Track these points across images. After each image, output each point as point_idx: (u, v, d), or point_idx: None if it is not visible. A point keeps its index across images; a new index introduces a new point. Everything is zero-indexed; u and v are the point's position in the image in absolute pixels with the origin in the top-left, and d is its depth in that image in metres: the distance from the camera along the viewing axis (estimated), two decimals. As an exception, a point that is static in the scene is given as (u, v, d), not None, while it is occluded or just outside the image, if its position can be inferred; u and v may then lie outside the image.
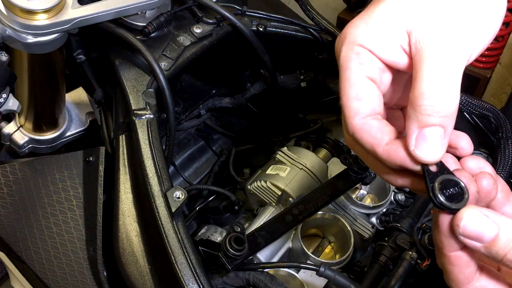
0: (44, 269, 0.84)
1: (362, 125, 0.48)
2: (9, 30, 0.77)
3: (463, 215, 0.44)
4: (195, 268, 0.74)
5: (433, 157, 0.45)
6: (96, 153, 0.87)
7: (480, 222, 0.43)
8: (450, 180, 0.46)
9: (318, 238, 1.02)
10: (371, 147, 0.48)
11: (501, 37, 2.12)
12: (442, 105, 0.44)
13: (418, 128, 0.45)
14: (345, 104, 0.48)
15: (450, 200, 0.45)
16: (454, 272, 0.47)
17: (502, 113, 0.95)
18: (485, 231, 0.43)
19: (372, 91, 0.48)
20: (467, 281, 0.47)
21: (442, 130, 0.45)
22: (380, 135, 0.47)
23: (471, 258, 0.46)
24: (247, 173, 1.11)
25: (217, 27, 0.99)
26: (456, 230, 0.44)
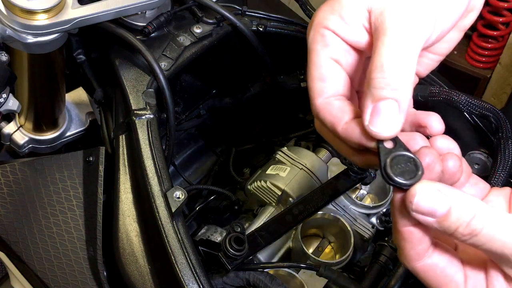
0: (44, 269, 0.83)
1: (324, 105, 0.48)
2: (9, 30, 0.77)
3: (416, 191, 0.43)
4: (195, 268, 0.74)
5: (387, 132, 0.45)
6: (96, 153, 0.87)
7: (432, 198, 0.43)
8: (403, 155, 0.45)
9: (318, 238, 1.02)
10: (332, 126, 0.48)
11: (501, 37, 2.12)
12: (395, 78, 0.44)
13: (372, 102, 0.45)
14: (309, 85, 0.49)
15: (402, 176, 0.44)
16: (406, 248, 0.46)
17: (502, 113, 0.95)
18: (437, 206, 0.43)
19: (336, 72, 0.49)
20: (418, 258, 0.46)
21: (396, 104, 0.44)
22: (341, 114, 0.48)
23: (424, 234, 0.46)
24: (247, 173, 1.11)
25: (217, 27, 0.99)
26: (409, 207, 0.43)
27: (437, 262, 0.47)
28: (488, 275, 0.46)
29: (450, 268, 0.47)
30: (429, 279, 0.47)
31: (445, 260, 0.47)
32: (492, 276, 0.46)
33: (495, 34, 2.12)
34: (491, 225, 0.42)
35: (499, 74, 2.15)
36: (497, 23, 2.10)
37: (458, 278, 0.47)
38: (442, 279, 0.47)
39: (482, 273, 0.47)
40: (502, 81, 2.15)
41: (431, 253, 0.47)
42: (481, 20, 2.14)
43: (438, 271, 0.47)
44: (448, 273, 0.47)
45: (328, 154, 1.07)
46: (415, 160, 0.45)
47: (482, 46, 2.14)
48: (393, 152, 0.45)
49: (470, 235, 0.43)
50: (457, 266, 0.47)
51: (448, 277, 0.47)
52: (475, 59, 2.17)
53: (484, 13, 2.10)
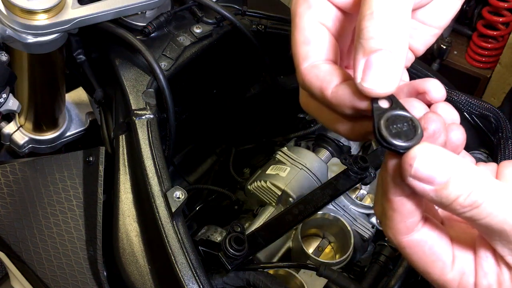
0: (44, 269, 0.83)
1: (310, 69, 0.43)
2: (9, 30, 0.77)
3: (416, 154, 0.38)
4: (195, 268, 0.74)
5: (383, 87, 0.39)
6: (96, 153, 0.86)
7: (434, 162, 0.38)
8: (400, 115, 0.39)
9: (318, 238, 1.02)
10: (319, 91, 0.42)
11: (501, 37, 2.12)
12: (388, 26, 0.39)
13: (363, 56, 0.39)
14: (294, 51, 0.44)
15: (398, 137, 0.38)
16: (395, 220, 0.41)
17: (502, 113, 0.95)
18: (438, 172, 0.38)
19: (322, 35, 0.44)
20: (406, 231, 0.42)
21: (391, 55, 0.39)
22: (329, 77, 0.42)
23: (417, 207, 0.41)
24: (247, 173, 1.11)
25: (217, 27, 0.99)
26: (407, 171, 0.38)
27: (426, 239, 0.42)
28: (477, 256, 0.42)
29: (439, 246, 0.42)
30: (414, 256, 0.42)
31: (435, 236, 0.42)
32: (481, 256, 0.42)
33: (495, 34, 2.12)
34: (494, 197, 0.38)
35: (499, 74, 2.15)
36: (497, 23, 2.10)
37: (446, 258, 0.42)
38: (429, 257, 0.42)
39: (470, 253, 0.43)
40: (502, 81, 2.15)
41: (420, 227, 0.42)
42: (481, 20, 2.14)
43: (426, 248, 0.42)
44: (436, 251, 0.42)
45: (328, 154, 1.07)
46: (413, 120, 0.39)
47: (482, 46, 2.14)
48: (389, 112, 0.39)
49: (471, 207, 0.38)
50: (446, 244, 0.43)
51: (435, 255, 0.42)
52: (475, 59, 2.17)
53: (484, 13, 2.10)
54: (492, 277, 0.41)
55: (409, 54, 0.51)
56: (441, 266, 0.42)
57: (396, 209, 0.41)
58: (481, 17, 2.14)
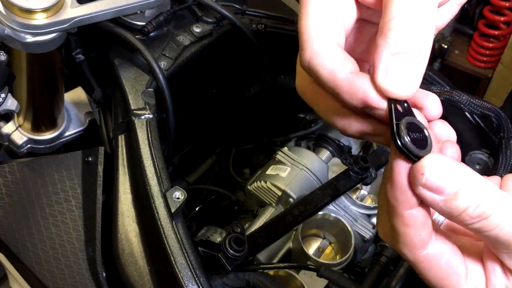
0: (43, 270, 0.83)
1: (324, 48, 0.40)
2: (7, 30, 0.77)
3: (427, 163, 0.37)
4: (194, 269, 0.73)
5: (407, 89, 0.38)
6: (95, 153, 0.86)
7: (445, 172, 0.37)
8: (415, 124, 0.39)
9: (319, 239, 1.01)
10: (330, 74, 0.39)
11: (503, 37, 2.12)
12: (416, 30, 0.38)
13: (389, 55, 0.38)
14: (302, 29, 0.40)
15: (415, 144, 0.38)
16: (410, 235, 0.40)
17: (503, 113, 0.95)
18: (448, 183, 0.37)
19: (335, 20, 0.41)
20: (422, 245, 0.41)
21: (416, 59, 0.38)
22: (344, 61, 0.39)
23: (427, 218, 0.40)
24: (247, 173, 1.10)
25: (217, 26, 0.99)
26: (419, 179, 0.37)
27: (442, 252, 0.41)
28: (486, 269, 0.42)
29: (455, 259, 0.42)
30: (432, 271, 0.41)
31: (449, 249, 0.42)
32: (489, 269, 0.42)
33: (497, 34, 2.12)
34: (503, 209, 0.38)
35: (501, 74, 2.14)
36: (499, 22, 2.09)
37: (461, 271, 0.42)
38: (445, 271, 0.41)
39: (480, 265, 0.42)
40: (504, 81, 2.14)
41: (434, 240, 0.41)
42: (482, 19, 2.14)
43: (443, 261, 0.41)
44: (452, 264, 0.41)
45: (329, 154, 1.07)
46: (423, 130, 0.39)
47: (484, 45, 2.13)
48: (407, 117, 0.38)
49: (479, 218, 0.38)
50: (459, 257, 0.42)
51: (452, 268, 0.41)
52: (477, 59, 2.17)
53: (485, 12, 2.10)
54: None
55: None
56: (456, 280, 0.42)
57: (408, 224, 0.40)
58: (482, 16, 2.14)
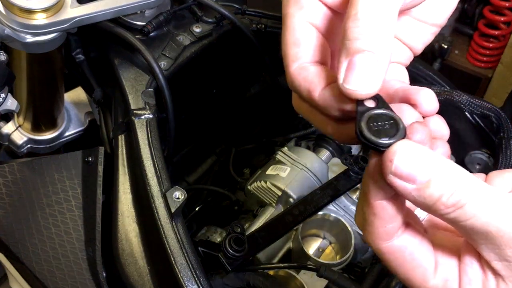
0: (43, 270, 0.83)
1: (299, 71, 0.43)
2: (7, 30, 0.77)
3: (396, 150, 0.37)
4: (194, 269, 0.73)
5: (364, 89, 0.39)
6: (95, 153, 0.86)
7: (416, 159, 0.36)
8: (383, 114, 0.39)
9: (319, 239, 1.01)
10: (308, 93, 0.42)
11: (503, 37, 2.12)
12: (372, 27, 0.39)
13: (346, 57, 0.39)
14: (284, 52, 0.45)
15: (380, 134, 0.38)
16: (375, 225, 0.40)
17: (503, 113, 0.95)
18: (420, 170, 0.36)
19: (311, 36, 0.44)
20: (386, 237, 0.40)
21: (374, 57, 0.38)
22: (317, 79, 0.42)
23: (398, 212, 0.40)
24: (247, 173, 1.10)
25: (217, 26, 0.99)
26: (388, 167, 0.37)
27: (406, 244, 0.41)
28: (461, 262, 0.41)
29: (420, 252, 0.41)
30: (395, 263, 0.41)
31: (416, 242, 0.41)
32: (466, 263, 0.40)
33: (497, 34, 2.11)
34: (479, 198, 0.37)
35: (501, 74, 2.14)
36: (499, 22, 2.09)
37: (427, 264, 0.41)
38: (409, 263, 0.41)
39: (454, 260, 0.41)
40: (504, 81, 2.14)
41: (400, 233, 0.41)
42: (482, 19, 2.14)
43: (407, 254, 0.41)
44: (417, 257, 0.41)
45: (329, 154, 1.07)
46: (395, 119, 0.39)
47: (484, 45, 2.13)
48: (372, 110, 0.39)
49: (454, 207, 0.37)
50: (427, 250, 0.41)
51: (416, 261, 0.41)
52: (477, 59, 2.17)
53: (485, 12, 2.10)
54: (477, 283, 0.40)
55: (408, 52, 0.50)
56: (422, 273, 0.41)
57: (376, 214, 0.40)
58: (482, 16, 2.14)
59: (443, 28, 2.09)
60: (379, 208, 0.40)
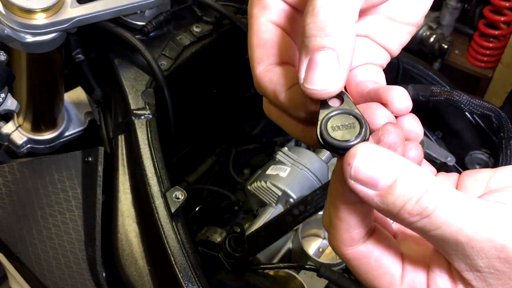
0: (43, 270, 0.83)
1: (264, 73, 0.42)
2: (7, 30, 0.77)
3: (356, 153, 0.34)
4: (194, 269, 0.73)
5: (325, 87, 0.36)
6: (95, 153, 0.86)
7: (376, 163, 0.34)
8: (346, 113, 0.36)
9: (319, 239, 1.01)
10: (274, 95, 0.41)
11: (503, 36, 2.12)
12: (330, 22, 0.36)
13: (306, 56, 0.37)
14: (250, 54, 0.43)
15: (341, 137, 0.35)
16: (341, 230, 0.38)
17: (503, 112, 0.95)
18: (381, 174, 0.34)
19: (277, 37, 0.42)
20: (351, 243, 0.38)
21: (334, 54, 0.36)
22: (283, 80, 0.40)
23: (364, 218, 0.38)
24: (247, 174, 1.10)
25: (217, 26, 0.99)
26: (347, 171, 0.35)
27: (371, 250, 0.39)
28: (430, 270, 0.38)
29: (386, 259, 0.39)
30: (360, 269, 0.39)
31: (381, 248, 0.39)
32: (436, 271, 0.38)
33: (497, 34, 2.11)
34: (447, 205, 0.34)
35: (501, 74, 2.14)
36: (499, 22, 2.09)
37: (394, 271, 0.39)
38: (375, 270, 0.39)
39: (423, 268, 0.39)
40: (504, 81, 2.14)
41: (366, 239, 0.39)
42: (482, 19, 2.14)
43: (372, 260, 0.39)
44: (383, 264, 0.39)
45: (329, 154, 1.07)
46: (359, 119, 0.36)
47: (484, 45, 2.13)
48: (335, 110, 0.36)
49: (420, 215, 0.34)
50: (394, 256, 0.39)
51: (382, 268, 0.39)
52: (477, 59, 2.17)
53: (485, 12, 2.10)
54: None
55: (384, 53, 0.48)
56: (388, 280, 0.39)
57: (342, 218, 0.38)
58: (482, 16, 2.14)
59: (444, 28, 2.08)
60: (345, 213, 0.38)
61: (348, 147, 0.35)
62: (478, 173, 0.42)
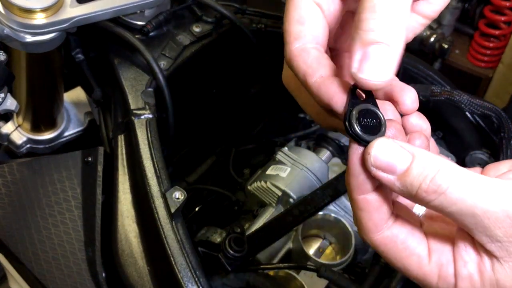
0: (43, 270, 0.83)
1: (300, 51, 0.44)
2: (7, 29, 0.77)
3: (374, 144, 0.40)
4: (194, 269, 0.73)
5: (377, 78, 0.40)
6: (94, 153, 0.86)
7: (393, 151, 0.40)
8: (370, 110, 0.41)
9: (319, 239, 1.01)
10: (304, 77, 0.44)
11: (503, 36, 2.12)
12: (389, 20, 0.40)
13: (361, 47, 0.40)
14: (286, 28, 0.45)
15: (364, 129, 0.41)
16: (364, 219, 0.42)
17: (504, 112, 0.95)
18: (398, 160, 0.39)
19: (317, 16, 0.45)
20: (376, 229, 0.42)
21: (388, 49, 0.40)
22: (316, 65, 0.43)
23: (382, 203, 0.42)
24: (247, 174, 1.10)
25: (217, 26, 0.99)
26: (368, 160, 0.40)
27: (396, 234, 0.43)
28: (456, 246, 0.42)
29: (412, 240, 0.43)
30: (389, 253, 0.43)
31: (406, 231, 0.43)
32: (460, 246, 0.42)
33: (497, 33, 2.11)
34: (459, 182, 0.38)
35: (501, 74, 2.14)
36: (499, 22, 2.09)
37: (420, 251, 0.43)
38: (403, 251, 0.43)
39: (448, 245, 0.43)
40: (504, 81, 2.14)
41: (390, 225, 0.43)
42: (483, 19, 2.14)
43: (399, 243, 0.43)
44: (409, 245, 0.43)
45: (329, 154, 1.07)
46: (380, 118, 0.42)
47: (484, 45, 2.13)
48: (362, 104, 0.41)
49: (436, 193, 0.39)
50: (419, 238, 0.43)
51: (409, 249, 0.43)
52: (477, 59, 2.17)
53: (486, 12, 2.09)
54: (473, 266, 0.41)
55: None
56: (417, 260, 0.42)
57: (362, 208, 0.42)
58: (483, 16, 2.13)
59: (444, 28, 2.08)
60: (363, 203, 0.42)
61: (368, 140, 0.41)
62: (500, 164, 0.45)
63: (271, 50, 1.04)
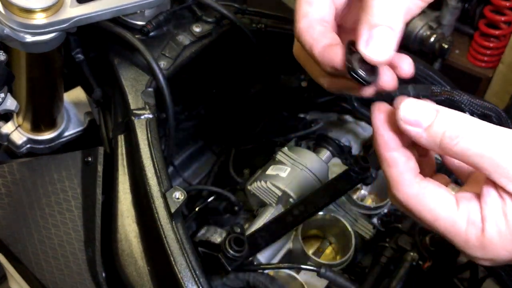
0: (43, 270, 0.83)
1: (307, 28, 0.52)
2: (7, 29, 0.77)
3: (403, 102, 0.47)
4: (194, 269, 0.73)
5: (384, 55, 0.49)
6: (94, 153, 0.86)
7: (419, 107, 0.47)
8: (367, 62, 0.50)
9: (319, 239, 1.01)
10: (310, 48, 0.52)
11: (503, 36, 2.11)
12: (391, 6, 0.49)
13: (369, 29, 0.49)
14: (296, 8, 0.53)
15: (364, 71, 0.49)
16: (393, 174, 0.49)
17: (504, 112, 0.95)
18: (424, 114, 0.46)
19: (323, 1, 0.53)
20: (405, 183, 0.48)
21: (390, 31, 0.48)
22: (320, 38, 0.52)
23: (410, 159, 0.49)
24: (247, 174, 1.10)
25: (217, 26, 0.99)
26: (398, 114, 0.47)
27: (425, 186, 0.48)
28: (481, 194, 0.47)
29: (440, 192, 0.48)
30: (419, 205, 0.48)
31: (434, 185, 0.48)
32: (485, 194, 0.46)
33: (497, 33, 2.11)
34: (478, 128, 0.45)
35: (501, 74, 2.14)
36: (499, 22, 2.09)
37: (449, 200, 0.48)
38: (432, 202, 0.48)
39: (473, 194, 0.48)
40: (504, 81, 2.14)
41: (420, 180, 0.49)
42: (483, 19, 2.14)
43: (428, 194, 0.48)
44: (438, 194, 0.48)
45: (329, 154, 1.07)
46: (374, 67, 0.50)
47: (484, 45, 2.13)
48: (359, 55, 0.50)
49: (458, 137, 0.45)
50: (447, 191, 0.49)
51: (438, 197, 0.48)
52: (477, 59, 2.16)
53: (486, 12, 2.09)
54: (497, 208, 0.45)
55: None
56: (446, 207, 0.47)
57: (391, 164, 0.48)
58: (483, 16, 2.13)
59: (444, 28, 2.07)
60: (391, 159, 0.48)
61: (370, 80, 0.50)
62: None
63: (271, 50, 1.05)
